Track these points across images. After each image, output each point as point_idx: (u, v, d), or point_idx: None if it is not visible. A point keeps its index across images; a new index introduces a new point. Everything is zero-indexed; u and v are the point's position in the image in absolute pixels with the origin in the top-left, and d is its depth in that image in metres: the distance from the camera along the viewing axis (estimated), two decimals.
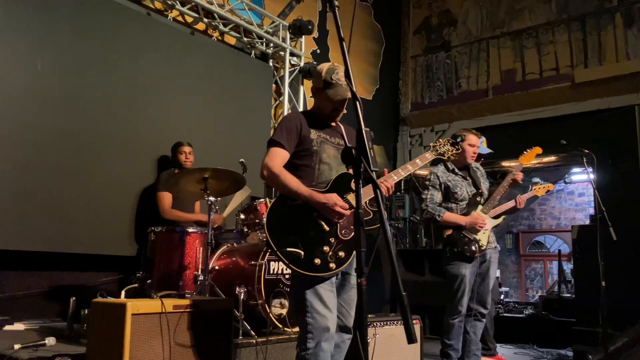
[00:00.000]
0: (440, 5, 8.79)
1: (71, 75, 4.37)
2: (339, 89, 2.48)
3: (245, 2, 5.94)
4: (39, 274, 4.23)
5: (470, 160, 3.86)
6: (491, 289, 3.80)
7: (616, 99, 6.65)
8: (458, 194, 3.79)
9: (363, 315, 1.31)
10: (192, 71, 5.30)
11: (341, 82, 2.49)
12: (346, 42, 1.40)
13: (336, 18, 1.40)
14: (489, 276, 3.74)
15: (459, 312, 3.65)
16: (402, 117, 8.90)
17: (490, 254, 3.77)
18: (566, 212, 11.01)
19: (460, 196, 3.80)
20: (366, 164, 1.31)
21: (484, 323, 3.80)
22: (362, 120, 1.36)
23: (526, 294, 10.87)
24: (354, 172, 1.37)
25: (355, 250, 1.33)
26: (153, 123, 4.90)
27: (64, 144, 4.26)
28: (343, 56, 1.41)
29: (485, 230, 3.68)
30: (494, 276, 3.78)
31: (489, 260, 3.76)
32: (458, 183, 3.82)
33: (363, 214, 1.45)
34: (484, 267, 3.73)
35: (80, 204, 4.29)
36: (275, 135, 2.52)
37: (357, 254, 1.33)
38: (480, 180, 3.88)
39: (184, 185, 3.73)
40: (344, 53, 1.39)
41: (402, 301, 1.19)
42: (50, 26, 4.26)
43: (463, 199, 3.80)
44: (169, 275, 3.69)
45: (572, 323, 5.24)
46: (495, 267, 3.83)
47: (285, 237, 2.31)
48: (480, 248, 3.66)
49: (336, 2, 1.43)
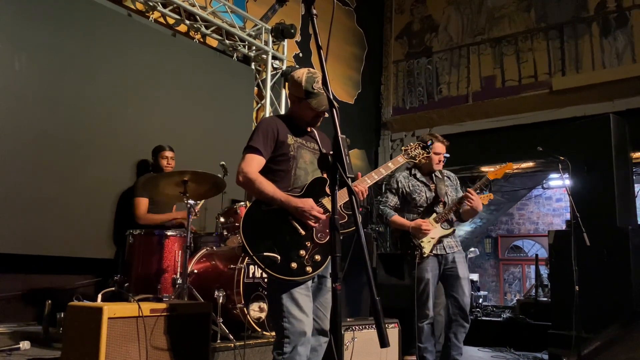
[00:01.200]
0: (422, 11, 8.88)
1: (49, 75, 4.32)
2: (322, 98, 2.50)
3: (228, 5, 5.94)
4: (13, 277, 4.15)
5: (436, 167, 3.88)
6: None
7: (592, 107, 6.79)
8: (416, 199, 3.84)
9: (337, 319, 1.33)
10: (173, 73, 5.27)
11: (323, 91, 2.51)
12: (324, 51, 1.41)
13: (314, 26, 1.41)
14: (459, 277, 3.72)
15: (427, 315, 3.67)
16: (383, 121, 8.97)
17: (452, 257, 3.76)
18: (544, 217, 11.20)
19: (418, 202, 3.84)
20: (342, 170, 1.33)
21: (467, 327, 3.76)
22: (338, 128, 1.38)
23: (504, 297, 11.02)
24: (330, 178, 1.39)
25: (330, 255, 1.35)
26: (133, 125, 4.86)
27: (40, 144, 4.20)
28: (321, 64, 1.42)
29: (432, 239, 3.71)
30: (465, 276, 3.75)
31: (452, 262, 3.75)
32: (417, 189, 3.87)
33: (338, 219, 1.47)
34: (450, 270, 3.74)
35: (57, 206, 4.23)
36: (252, 140, 2.52)
37: (332, 259, 1.35)
38: (445, 190, 3.87)
39: (163, 188, 3.71)
40: (321, 61, 1.41)
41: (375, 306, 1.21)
42: (29, 25, 4.20)
43: (421, 205, 3.84)
44: (147, 279, 3.67)
45: (548, 326, 5.33)
46: (464, 268, 3.78)
47: (261, 242, 2.32)
48: (422, 255, 3.68)
49: (314, 10, 1.45)
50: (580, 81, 7.03)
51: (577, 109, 6.94)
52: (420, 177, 3.90)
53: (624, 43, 6.84)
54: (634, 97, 6.56)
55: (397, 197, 3.90)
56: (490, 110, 7.74)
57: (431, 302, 3.70)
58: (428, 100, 8.51)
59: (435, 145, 3.78)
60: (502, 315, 6.64)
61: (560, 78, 7.23)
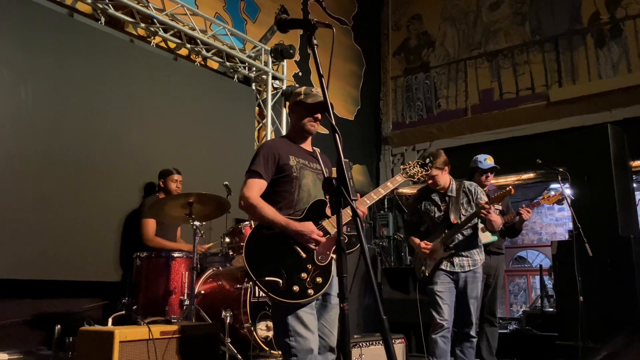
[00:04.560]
0: (417, 27, 9.01)
1: (55, 102, 4.40)
2: (316, 97, 2.60)
3: (228, 28, 6.04)
4: (21, 302, 4.18)
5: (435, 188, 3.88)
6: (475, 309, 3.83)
7: (590, 117, 6.86)
8: (426, 221, 3.92)
9: (346, 338, 1.37)
10: (175, 96, 5.35)
11: (316, 92, 2.62)
12: (325, 79, 1.48)
13: (315, 57, 1.48)
14: (467, 296, 3.75)
15: (441, 326, 3.66)
16: (383, 136, 9.04)
17: (464, 276, 3.77)
18: (547, 227, 11.21)
19: (428, 222, 3.91)
20: (346, 194, 1.38)
21: (473, 342, 3.78)
22: (341, 152, 1.44)
23: (510, 309, 10.98)
24: (335, 201, 1.44)
25: (337, 276, 1.40)
26: (137, 148, 4.92)
27: (47, 171, 4.26)
28: (323, 92, 1.49)
29: (434, 259, 3.76)
30: (473, 296, 3.78)
31: (464, 281, 3.76)
32: (429, 208, 3.90)
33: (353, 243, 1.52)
34: (461, 289, 3.76)
35: (63, 231, 4.28)
36: (253, 164, 2.58)
37: (340, 280, 1.40)
38: (456, 208, 3.81)
39: (169, 211, 3.77)
40: (323, 89, 1.47)
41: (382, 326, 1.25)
42: (34, 55, 4.29)
43: (432, 225, 3.89)
44: (155, 301, 3.70)
45: (554, 337, 5.32)
46: (473, 287, 3.79)
47: (264, 266, 2.37)
48: (424, 274, 3.80)
49: (315, 40, 1.52)
50: (577, 92, 7.11)
51: (575, 119, 7.01)
52: (433, 196, 3.91)
53: (618, 53, 6.93)
54: (631, 107, 6.63)
55: (415, 215, 4.02)
56: (489, 122, 7.82)
57: (446, 312, 3.67)
58: (427, 115, 8.59)
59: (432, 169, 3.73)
60: (508, 327, 6.62)
61: (557, 89, 7.31)
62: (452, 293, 3.76)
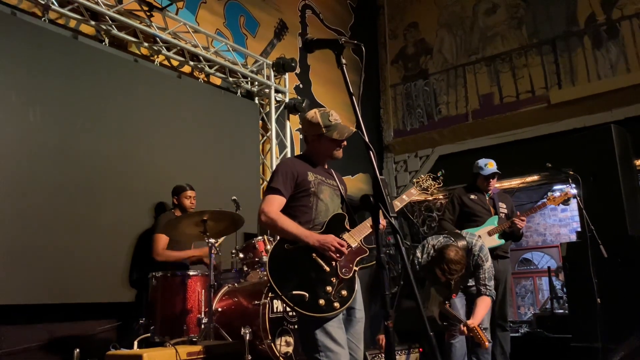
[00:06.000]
0: (414, 35, 9.06)
1: (63, 123, 4.40)
2: (341, 128, 2.61)
3: (229, 44, 6.08)
4: (36, 327, 4.16)
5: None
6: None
7: (591, 118, 6.90)
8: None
9: (392, 356, 1.37)
10: (180, 113, 5.38)
11: (339, 121, 2.63)
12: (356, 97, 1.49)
13: (345, 76, 1.50)
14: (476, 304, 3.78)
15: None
16: (385, 144, 9.07)
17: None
18: (551, 228, 11.21)
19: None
20: (384, 210, 1.40)
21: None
22: (376, 169, 1.45)
23: (518, 311, 10.96)
24: (373, 217, 1.46)
25: (380, 294, 1.40)
26: (145, 167, 4.93)
27: (57, 193, 4.26)
28: (354, 109, 1.50)
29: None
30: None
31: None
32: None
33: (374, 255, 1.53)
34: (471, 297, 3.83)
35: (75, 253, 4.26)
36: (272, 182, 2.62)
37: (382, 298, 1.40)
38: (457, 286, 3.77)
39: (184, 229, 3.77)
40: (354, 107, 1.49)
41: (429, 342, 1.25)
42: (41, 77, 4.30)
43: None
44: (172, 320, 3.69)
45: (567, 339, 5.31)
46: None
47: (288, 281, 2.38)
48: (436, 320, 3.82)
49: (344, 60, 1.54)
50: (577, 93, 7.15)
51: (576, 120, 7.04)
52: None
53: (616, 54, 6.99)
54: (631, 106, 6.67)
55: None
56: (490, 127, 7.85)
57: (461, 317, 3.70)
58: (428, 121, 8.62)
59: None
60: (519, 330, 6.61)
61: (557, 91, 7.36)
62: (462, 298, 3.83)
